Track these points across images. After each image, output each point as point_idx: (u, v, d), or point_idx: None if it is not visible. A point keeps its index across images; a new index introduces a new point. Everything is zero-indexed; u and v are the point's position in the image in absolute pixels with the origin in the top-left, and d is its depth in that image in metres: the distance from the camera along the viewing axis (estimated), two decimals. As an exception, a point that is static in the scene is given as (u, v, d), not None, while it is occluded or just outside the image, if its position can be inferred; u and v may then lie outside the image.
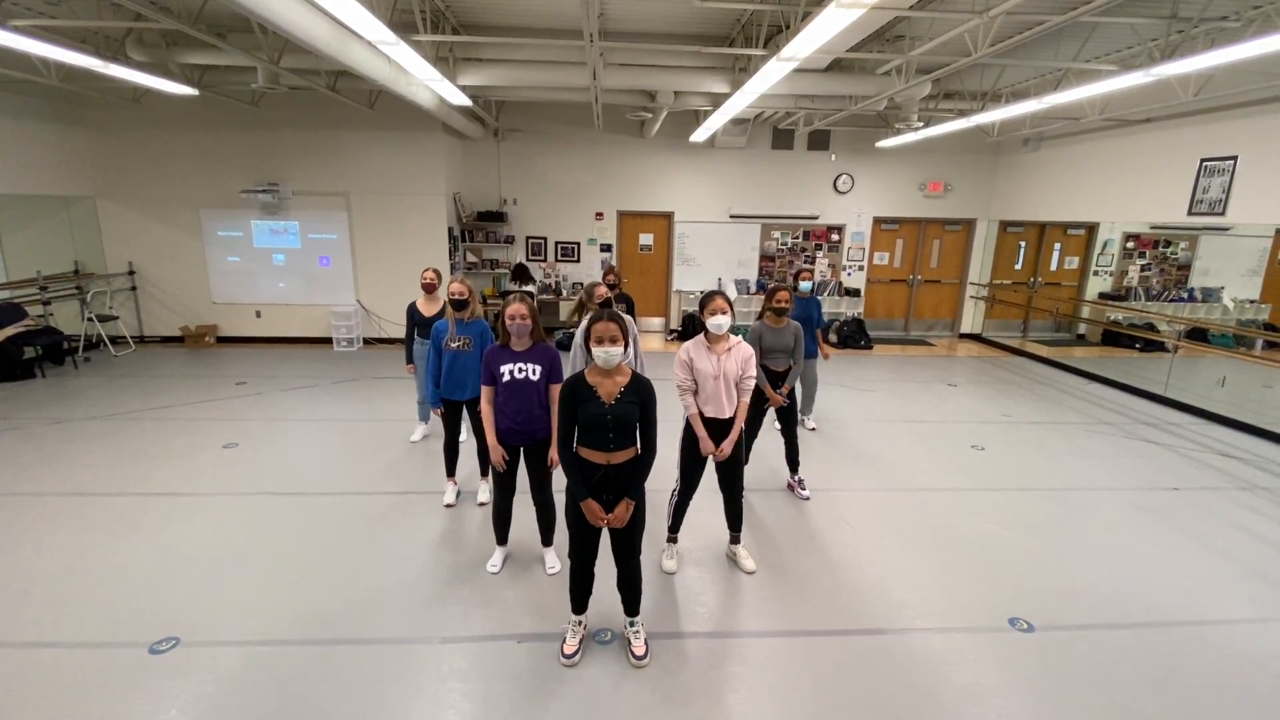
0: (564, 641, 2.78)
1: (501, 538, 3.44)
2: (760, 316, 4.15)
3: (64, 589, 3.15)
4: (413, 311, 4.79)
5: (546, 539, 3.45)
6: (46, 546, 3.52)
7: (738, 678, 2.66)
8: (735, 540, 3.56)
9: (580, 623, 2.81)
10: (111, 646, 2.74)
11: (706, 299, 3.14)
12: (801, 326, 4.14)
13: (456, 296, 3.78)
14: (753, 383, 3.21)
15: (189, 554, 3.49)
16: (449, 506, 4.11)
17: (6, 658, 2.67)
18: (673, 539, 3.55)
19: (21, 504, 4.01)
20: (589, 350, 2.52)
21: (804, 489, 4.39)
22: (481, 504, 4.14)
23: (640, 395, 2.53)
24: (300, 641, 2.81)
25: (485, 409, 3.10)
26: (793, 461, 4.40)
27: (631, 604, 2.79)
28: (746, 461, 3.37)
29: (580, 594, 2.77)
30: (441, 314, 3.92)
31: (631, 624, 2.81)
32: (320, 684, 2.57)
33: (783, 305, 3.99)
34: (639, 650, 2.74)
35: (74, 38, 5.34)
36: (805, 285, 5.44)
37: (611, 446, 2.52)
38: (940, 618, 3.09)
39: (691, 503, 3.49)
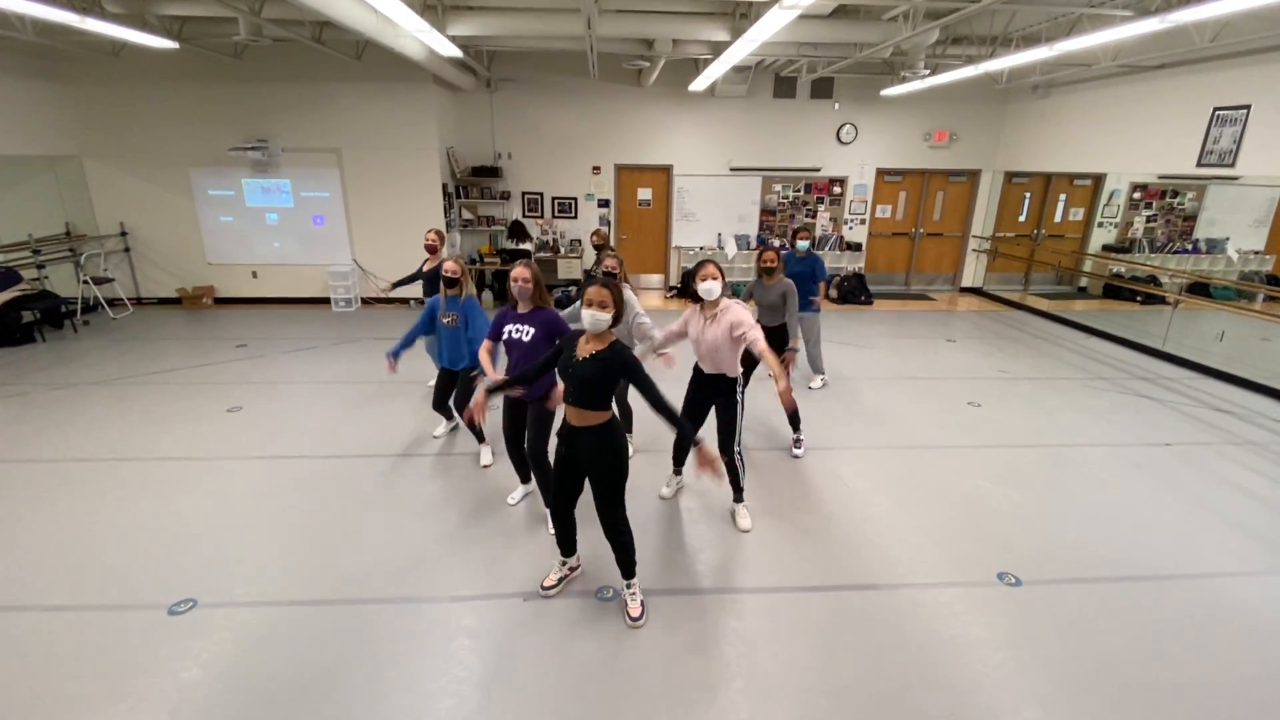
0: (547, 575, 3.00)
1: (524, 476, 3.71)
2: (759, 278, 4.47)
3: (79, 554, 3.24)
4: (420, 271, 5.19)
5: (547, 499, 3.54)
6: (60, 512, 3.61)
7: (735, 633, 2.77)
8: (738, 499, 3.66)
9: (564, 563, 3.00)
10: (131, 609, 2.85)
11: (698, 266, 3.26)
12: (794, 284, 4.36)
13: (449, 275, 3.95)
14: (752, 331, 3.14)
15: (200, 518, 3.57)
16: (435, 438, 4.59)
17: (27, 621, 2.78)
18: (677, 471, 3.85)
19: (32, 470, 4.08)
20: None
21: (798, 448, 4.49)
22: (485, 466, 4.22)
23: (611, 361, 2.52)
24: (313, 602, 2.92)
25: (483, 356, 3.31)
26: (794, 422, 4.45)
27: (625, 566, 2.85)
28: (740, 421, 3.49)
29: (562, 537, 2.95)
30: (438, 273, 4.13)
31: (628, 586, 2.89)
32: (334, 642, 2.68)
33: (769, 265, 4.35)
34: (634, 612, 2.84)
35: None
36: (802, 244, 5.54)
37: (572, 401, 2.59)
38: (931, 573, 3.20)
39: (685, 471, 3.83)
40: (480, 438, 4.32)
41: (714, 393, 3.43)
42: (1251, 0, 3.97)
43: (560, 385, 2.74)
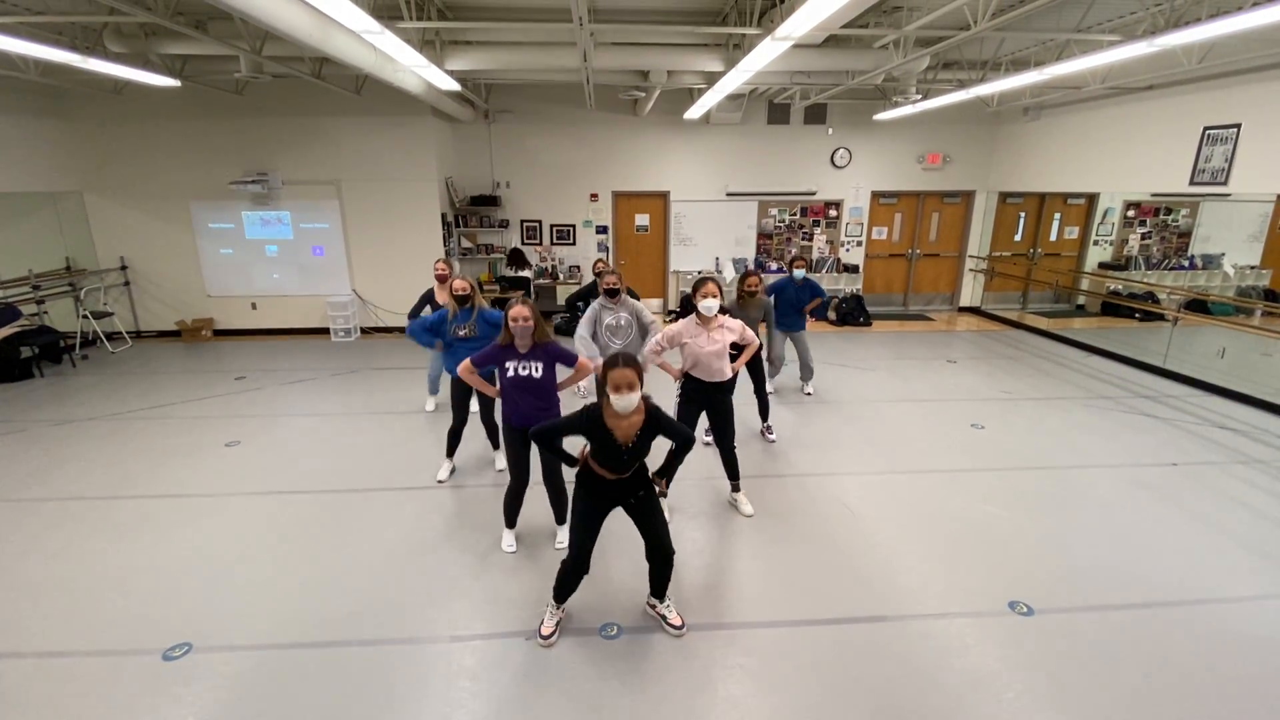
0: (542, 623, 2.90)
1: (511, 521, 3.60)
2: (738, 300, 4.83)
3: (75, 596, 3.18)
4: (429, 297, 5.28)
5: (560, 517, 3.62)
6: (55, 553, 3.55)
7: (742, 669, 2.71)
8: (736, 489, 4.02)
9: (560, 607, 2.93)
10: (125, 654, 2.78)
11: (699, 284, 3.57)
12: (771, 301, 5.00)
13: (460, 292, 4.08)
14: (755, 340, 3.82)
15: (196, 557, 3.52)
16: (440, 482, 4.38)
17: (22, 668, 2.71)
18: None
19: (28, 509, 4.03)
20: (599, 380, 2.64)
21: (771, 434, 5.10)
22: (500, 470, 4.41)
23: (654, 427, 2.64)
24: (311, 644, 2.85)
25: (470, 377, 3.37)
26: (763, 412, 5.09)
27: (666, 586, 2.93)
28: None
29: (566, 590, 2.86)
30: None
31: (663, 601, 2.96)
32: (333, 686, 2.61)
33: (753, 289, 4.76)
34: (676, 621, 2.91)
35: (50, 31, 5.21)
36: (799, 273, 5.82)
37: (625, 471, 2.66)
38: (941, 603, 3.13)
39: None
40: (497, 444, 4.51)
41: (717, 392, 3.76)
42: (1235, 24, 4.03)
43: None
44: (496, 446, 4.54)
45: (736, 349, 3.89)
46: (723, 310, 3.73)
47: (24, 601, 3.14)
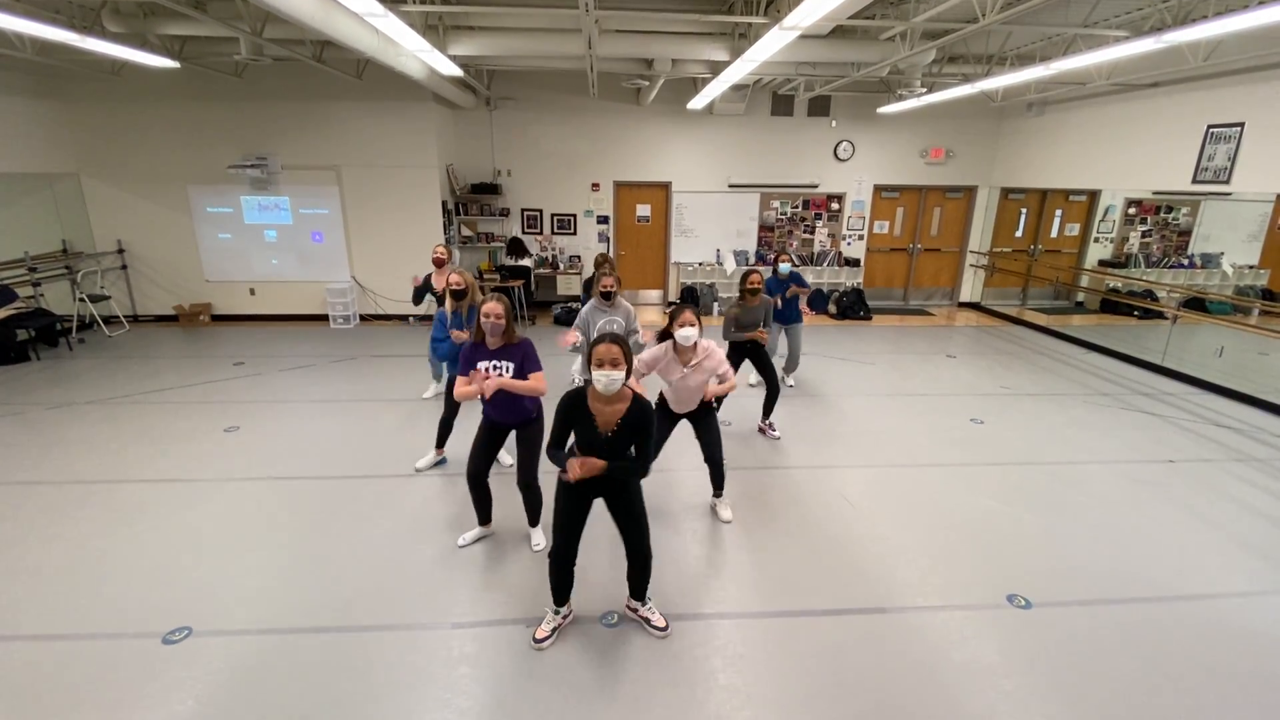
0: (538, 626, 2.83)
1: (484, 517, 3.54)
2: (740, 298, 4.72)
3: (73, 580, 3.17)
4: (428, 282, 5.29)
5: (533, 520, 3.56)
6: (52, 537, 3.54)
7: (742, 659, 2.72)
8: (719, 495, 3.89)
9: (558, 613, 2.85)
10: (125, 637, 2.78)
11: (677, 311, 3.30)
12: (771, 301, 4.80)
13: (455, 286, 3.97)
14: (731, 376, 3.50)
15: (196, 542, 3.51)
16: (418, 470, 4.35)
17: (20, 651, 2.71)
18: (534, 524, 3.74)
19: (25, 493, 4.01)
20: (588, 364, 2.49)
21: (774, 430, 5.03)
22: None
23: (638, 425, 2.53)
24: (312, 629, 2.86)
25: (461, 390, 3.21)
26: (768, 408, 4.99)
27: (645, 587, 2.88)
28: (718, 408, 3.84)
29: (559, 586, 2.79)
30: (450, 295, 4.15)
31: (645, 604, 2.91)
32: (333, 671, 2.61)
33: (755, 286, 4.64)
34: (660, 622, 2.87)
35: (48, 8, 5.13)
36: (784, 267, 5.75)
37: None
38: (939, 595, 3.15)
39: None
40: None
41: (691, 419, 3.66)
42: (1245, 21, 4.02)
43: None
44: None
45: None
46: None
47: (22, 585, 3.13)
